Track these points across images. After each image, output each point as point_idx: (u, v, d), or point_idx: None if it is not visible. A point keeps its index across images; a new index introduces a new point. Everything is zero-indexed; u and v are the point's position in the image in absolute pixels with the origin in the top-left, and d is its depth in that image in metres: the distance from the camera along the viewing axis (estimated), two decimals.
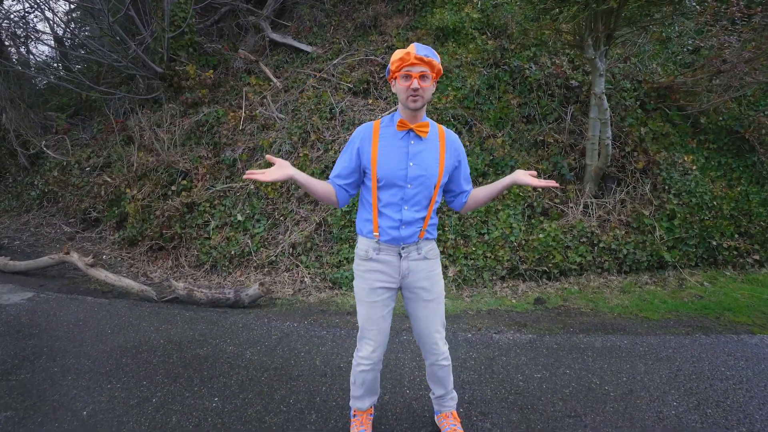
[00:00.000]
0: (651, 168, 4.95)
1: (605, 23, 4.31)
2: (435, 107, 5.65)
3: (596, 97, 4.52)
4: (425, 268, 1.90)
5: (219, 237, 5.41)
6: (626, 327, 3.23)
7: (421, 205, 1.84)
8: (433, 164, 1.81)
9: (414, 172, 1.80)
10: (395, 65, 1.73)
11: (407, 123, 1.79)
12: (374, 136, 1.84)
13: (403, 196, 1.81)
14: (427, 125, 1.81)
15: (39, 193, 7.70)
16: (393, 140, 1.82)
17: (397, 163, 1.79)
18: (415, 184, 1.80)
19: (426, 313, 1.93)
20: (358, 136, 1.87)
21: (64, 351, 3.00)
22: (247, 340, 3.13)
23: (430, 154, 1.82)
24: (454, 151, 1.88)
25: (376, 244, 1.87)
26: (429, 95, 1.75)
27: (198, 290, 4.17)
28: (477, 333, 3.18)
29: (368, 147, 1.83)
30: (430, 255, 1.93)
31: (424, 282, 1.90)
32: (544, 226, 4.66)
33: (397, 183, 1.80)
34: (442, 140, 1.86)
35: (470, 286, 4.47)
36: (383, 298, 1.90)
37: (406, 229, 1.83)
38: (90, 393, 2.49)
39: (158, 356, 2.91)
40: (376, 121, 1.90)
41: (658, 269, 4.47)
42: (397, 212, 1.82)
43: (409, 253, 1.87)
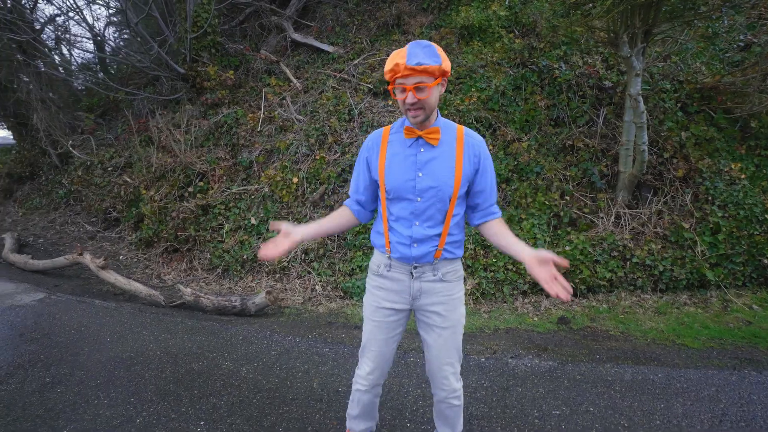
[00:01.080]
0: (692, 176, 4.52)
1: (643, 18, 3.94)
2: (457, 109, 5.39)
3: (631, 98, 4.15)
4: (441, 290, 1.66)
5: (232, 240, 5.31)
6: (661, 356, 2.88)
7: (435, 221, 1.61)
8: (447, 173, 1.57)
9: (423, 183, 1.57)
10: (388, 76, 1.50)
11: (415, 130, 1.57)
12: (383, 144, 1.65)
13: (413, 210, 1.60)
14: (437, 131, 1.57)
15: (66, 192, 7.86)
16: (401, 148, 1.62)
17: (405, 173, 1.59)
18: (426, 197, 1.58)
19: (438, 342, 1.69)
20: (366, 145, 1.70)
21: (59, 360, 2.91)
22: (245, 355, 2.97)
23: (444, 162, 1.58)
24: (473, 156, 1.60)
25: (388, 259, 1.69)
26: (433, 103, 1.52)
27: (205, 297, 4.06)
28: (491, 356, 2.90)
29: (376, 156, 1.65)
30: (450, 277, 1.68)
31: (438, 306, 1.67)
32: (571, 238, 4.32)
33: (405, 196, 1.60)
34: (460, 143, 1.60)
35: (489, 301, 4.18)
36: (389, 320, 1.71)
37: (418, 248, 1.61)
38: (75, 409, 2.37)
39: (152, 370, 2.78)
40: (386, 126, 1.70)
41: (699, 289, 4.05)
42: (407, 228, 1.62)
43: (422, 273, 1.65)
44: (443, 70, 1.48)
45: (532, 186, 4.73)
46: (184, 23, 7.11)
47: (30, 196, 9.04)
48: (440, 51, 1.48)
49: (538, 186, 4.71)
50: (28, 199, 8.98)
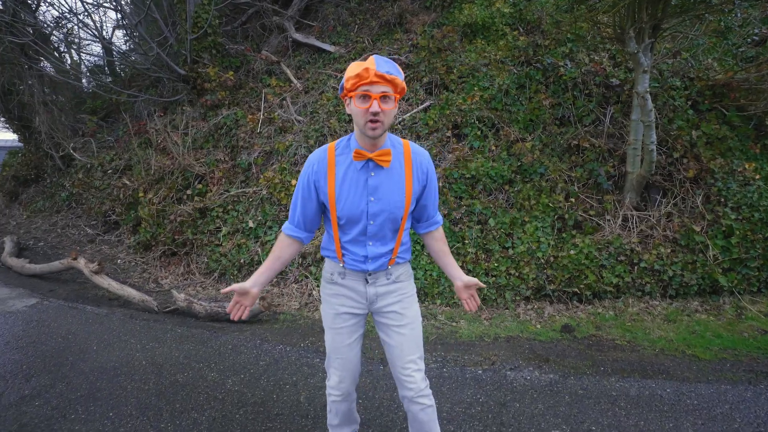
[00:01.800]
0: (704, 177, 4.33)
1: (651, 12, 3.77)
2: (460, 108, 5.25)
3: (639, 96, 3.98)
4: (396, 290, 1.71)
5: (230, 244, 5.22)
6: (670, 369, 2.71)
7: (387, 238, 1.64)
8: (398, 196, 1.57)
9: (375, 208, 1.56)
10: (351, 82, 1.43)
11: (364, 153, 1.51)
12: (329, 166, 1.56)
13: (366, 232, 1.61)
14: (388, 153, 1.52)
15: (67, 195, 7.85)
16: (350, 171, 1.56)
17: (356, 200, 1.56)
18: (378, 220, 1.58)
19: (399, 339, 1.70)
20: (311, 168, 1.59)
21: (42, 370, 2.83)
22: (233, 365, 2.86)
23: (394, 185, 1.57)
24: (422, 174, 1.61)
25: (342, 268, 1.68)
26: (391, 119, 1.48)
27: (197, 303, 3.96)
28: (489, 368, 2.76)
29: (324, 181, 1.57)
30: (403, 278, 1.73)
31: (395, 305, 1.70)
32: (576, 241, 4.15)
33: (358, 221, 1.59)
34: (408, 162, 1.58)
35: (490, 307, 4.03)
36: (348, 325, 1.72)
37: (373, 263, 1.64)
38: (50, 425, 2.28)
39: (135, 381, 2.68)
40: (329, 145, 1.61)
41: (711, 295, 3.87)
42: (361, 248, 1.63)
43: (377, 279, 1.68)
44: (403, 88, 1.47)
45: (536, 187, 4.57)
46: (185, 24, 7.05)
47: (34, 198, 9.06)
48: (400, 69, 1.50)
49: (542, 187, 4.55)
50: (33, 201, 9.00)
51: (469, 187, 4.73)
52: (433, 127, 5.32)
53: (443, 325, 3.68)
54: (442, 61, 5.88)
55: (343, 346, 1.72)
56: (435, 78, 5.82)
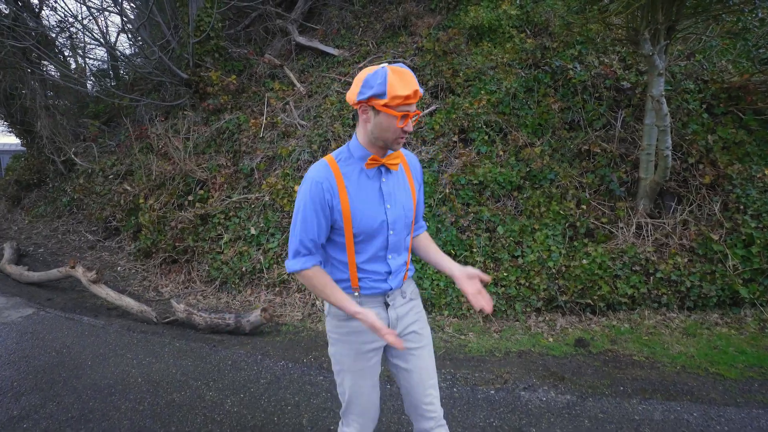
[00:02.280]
0: (721, 183, 4.17)
1: (666, 13, 3.63)
2: (466, 113, 5.12)
3: (654, 100, 3.83)
4: (412, 309, 1.59)
5: (231, 251, 5.10)
6: (695, 389, 2.56)
7: (402, 248, 1.55)
8: (407, 198, 1.52)
9: (393, 214, 1.47)
10: (396, 101, 1.31)
11: (378, 158, 1.43)
12: (338, 181, 1.41)
13: (387, 245, 1.48)
14: (398, 156, 1.48)
15: (69, 200, 7.77)
16: (361, 181, 1.44)
17: (375, 209, 1.44)
18: (397, 228, 1.49)
19: (418, 364, 1.54)
20: (319, 186, 1.40)
21: (33, 388, 2.71)
22: (232, 383, 2.73)
23: (402, 187, 1.52)
24: (418, 175, 1.61)
25: (357, 298, 1.49)
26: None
27: (197, 314, 3.84)
28: (502, 388, 2.62)
29: (336, 198, 1.41)
30: (414, 294, 1.63)
31: (413, 326, 1.57)
32: (588, 250, 4.00)
33: (378, 233, 1.46)
34: (405, 164, 1.56)
35: (500, 319, 3.89)
36: (372, 364, 1.53)
37: (394, 278, 1.52)
38: None
39: (129, 401, 2.56)
40: (328, 158, 1.46)
41: (731, 307, 3.71)
42: (383, 264, 1.50)
43: (395, 299, 1.54)
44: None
45: (546, 194, 4.43)
46: (187, 28, 6.97)
47: (36, 203, 9.00)
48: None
49: (553, 194, 4.41)
50: (35, 206, 8.93)
51: (476, 194, 4.59)
52: (439, 131, 5.20)
53: (451, 338, 3.54)
54: (448, 64, 5.76)
55: (367, 389, 1.53)
56: (441, 81, 5.69)
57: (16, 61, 7.48)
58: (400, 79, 1.32)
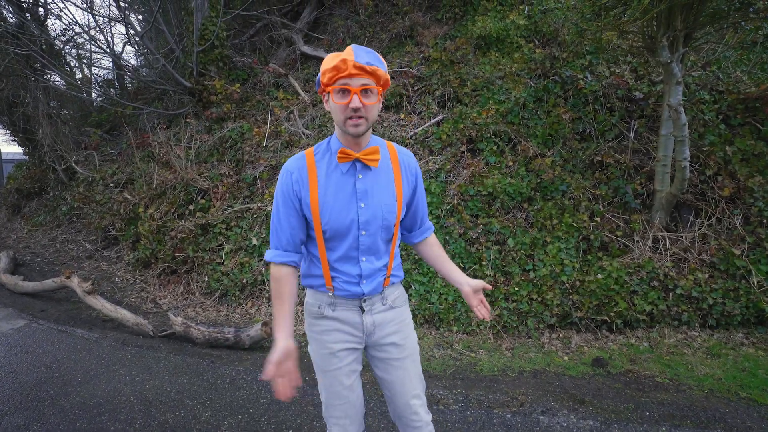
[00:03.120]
0: (741, 196, 4.02)
1: (684, 19, 3.53)
2: (474, 122, 5.00)
3: (671, 109, 3.71)
4: (393, 318, 1.50)
5: (232, 262, 4.95)
6: (727, 416, 2.38)
7: (381, 252, 1.45)
8: (389, 199, 1.40)
9: (366, 214, 1.37)
10: (327, 76, 1.27)
11: (350, 152, 1.34)
12: (310, 173, 1.36)
13: (358, 246, 1.40)
14: (376, 151, 1.36)
15: (68, 209, 7.65)
16: (334, 176, 1.37)
17: (345, 207, 1.36)
18: (371, 229, 1.39)
19: (400, 375, 1.50)
20: (289, 177, 1.37)
21: (17, 407, 2.55)
22: (230, 404, 2.56)
23: (384, 187, 1.40)
24: (410, 176, 1.46)
25: (331, 297, 1.44)
26: (375, 115, 1.32)
27: (195, 328, 3.68)
28: (518, 411, 2.44)
29: (305, 189, 1.36)
30: (399, 302, 1.53)
31: (393, 336, 1.49)
32: (603, 264, 3.84)
33: (347, 233, 1.38)
34: (395, 163, 1.43)
35: (511, 335, 3.71)
36: (347, 363, 1.46)
37: (368, 283, 1.44)
38: None
39: (119, 422, 2.39)
40: (308, 150, 1.43)
41: (756, 326, 3.53)
42: (354, 266, 1.42)
43: (372, 305, 1.47)
44: (387, 80, 1.32)
45: (558, 206, 4.28)
46: (192, 36, 6.93)
47: (36, 212, 8.89)
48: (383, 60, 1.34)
49: (565, 206, 4.26)
50: (35, 215, 8.83)
51: (485, 205, 4.45)
52: (446, 141, 5.07)
53: (461, 355, 3.37)
54: (455, 74, 5.67)
55: (344, 389, 1.46)
56: (448, 91, 5.60)
57: (20, 69, 7.44)
58: (333, 56, 1.28)
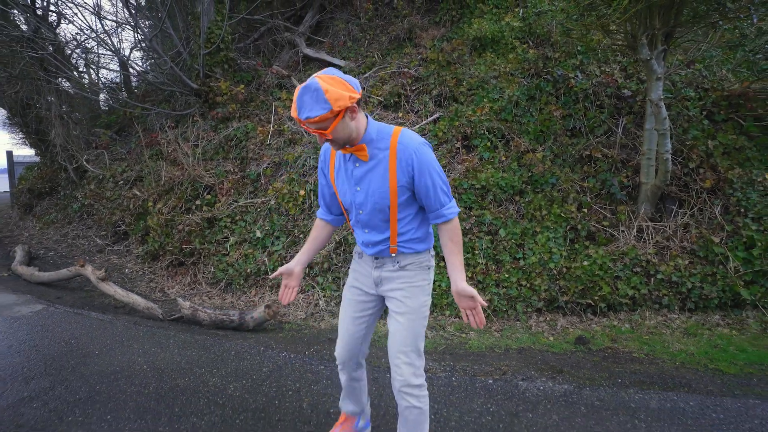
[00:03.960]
0: (722, 187, 4.21)
1: (663, 19, 3.74)
2: (469, 120, 5.22)
3: (653, 104, 3.91)
4: (400, 277, 1.70)
5: (237, 254, 5.18)
6: (692, 382, 2.57)
7: (380, 229, 1.68)
8: (381, 186, 1.59)
9: (360, 197, 1.65)
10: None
11: (347, 147, 1.59)
12: (331, 157, 1.75)
13: (359, 220, 1.71)
14: (363, 149, 1.58)
15: (79, 206, 7.93)
16: (343, 162, 1.69)
17: (347, 188, 1.69)
18: (366, 209, 1.65)
19: (395, 327, 1.69)
20: (320, 158, 1.81)
21: (41, 373, 2.78)
22: (235, 371, 2.78)
23: (377, 175, 1.60)
24: (407, 165, 1.57)
25: (359, 250, 1.85)
26: (342, 133, 1.50)
27: (202, 311, 3.91)
28: (500, 378, 2.64)
29: (328, 170, 1.77)
30: (411, 267, 1.71)
31: (397, 292, 1.70)
32: (589, 252, 4.04)
33: (351, 208, 1.72)
34: (393, 154, 1.57)
35: (501, 319, 3.91)
36: (357, 299, 1.82)
37: (372, 249, 1.73)
38: (46, 427, 2.21)
39: (135, 385, 2.61)
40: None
41: (732, 309, 3.71)
42: (360, 234, 1.76)
43: (383, 264, 1.73)
44: (339, 109, 1.42)
45: (547, 198, 4.49)
46: (198, 39, 7.20)
47: (48, 210, 9.18)
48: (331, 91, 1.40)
49: (554, 198, 4.47)
50: (46, 213, 9.12)
51: (479, 198, 4.66)
52: (442, 138, 5.30)
53: (452, 336, 3.57)
54: (452, 74, 5.90)
55: (348, 317, 1.82)
56: (444, 90, 5.82)
57: (34, 72, 7.74)
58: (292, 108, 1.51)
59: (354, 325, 1.80)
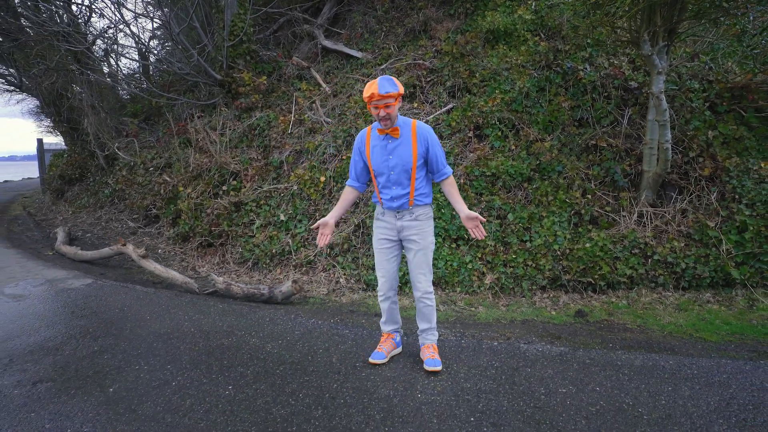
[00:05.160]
0: (719, 175, 4.46)
1: (665, 16, 3.97)
2: (481, 110, 5.50)
3: (654, 96, 4.16)
4: (416, 225, 2.57)
5: (262, 236, 5.58)
6: (676, 347, 2.89)
7: (404, 185, 2.54)
8: (407, 154, 2.50)
9: (392, 162, 2.52)
10: (366, 97, 2.39)
11: (384, 130, 2.51)
12: (367, 140, 2.61)
13: (389, 179, 2.55)
14: (397, 130, 2.49)
15: (111, 191, 8.42)
16: (378, 141, 2.56)
17: (382, 158, 2.55)
18: (396, 170, 2.52)
19: (415, 258, 2.60)
20: (357, 141, 2.66)
21: (105, 333, 3.21)
22: (271, 333, 3.18)
23: (404, 147, 2.50)
24: (423, 141, 2.51)
25: (382, 208, 2.65)
26: (396, 112, 2.44)
27: (235, 285, 4.32)
28: (504, 342, 2.99)
29: (364, 148, 2.62)
30: (422, 217, 2.59)
31: (414, 236, 2.58)
32: (591, 235, 4.34)
33: (383, 171, 2.55)
34: (413, 133, 2.51)
35: (507, 295, 4.25)
36: (386, 247, 2.66)
37: (396, 201, 2.56)
38: (120, 372, 2.63)
39: (186, 343, 3.03)
40: (368, 127, 2.63)
41: (723, 287, 3.99)
42: (388, 190, 2.57)
43: (403, 216, 2.58)
44: (400, 93, 2.41)
45: (554, 184, 4.78)
46: (222, 32, 7.55)
47: (79, 195, 9.72)
48: (397, 82, 2.42)
49: (560, 184, 4.76)
50: (77, 198, 9.65)
51: (489, 184, 4.97)
52: (455, 128, 5.59)
53: (462, 309, 3.93)
54: (465, 66, 6.16)
55: (383, 260, 2.66)
56: (458, 82, 6.10)
57: (68, 64, 8.19)
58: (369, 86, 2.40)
59: (389, 263, 2.65)
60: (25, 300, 3.98)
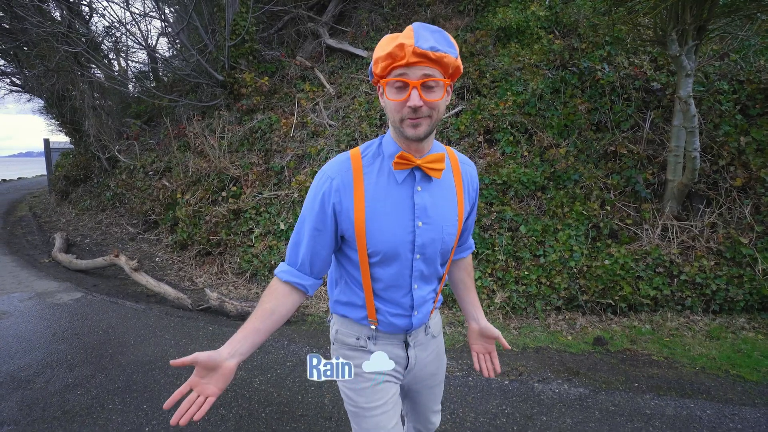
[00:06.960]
0: (753, 186, 4.09)
1: (695, 13, 3.61)
2: (492, 114, 5.18)
3: (681, 101, 3.81)
4: (433, 350, 1.34)
5: (261, 245, 5.34)
6: (711, 389, 2.57)
7: (437, 275, 1.24)
8: (451, 217, 1.16)
9: (425, 237, 1.12)
10: (381, 66, 0.99)
11: (411, 157, 1.06)
12: (356, 180, 1.09)
13: (411, 272, 1.15)
14: (441, 158, 1.09)
15: (112, 195, 8.26)
16: (388, 187, 1.10)
17: (400, 226, 1.10)
18: (428, 253, 1.15)
19: (429, 396, 1.40)
20: (328, 184, 1.09)
21: (84, 361, 2.99)
22: (260, 365, 2.92)
23: (448, 201, 1.16)
24: (472, 190, 1.24)
25: (374, 332, 1.23)
26: (441, 114, 1.03)
27: (229, 302, 4.08)
28: (516, 379, 2.70)
29: (349, 200, 1.08)
30: (437, 331, 1.36)
31: (431, 367, 1.34)
32: (611, 251, 4.01)
33: (399, 256, 1.12)
34: (457, 174, 1.18)
35: (519, 316, 3.95)
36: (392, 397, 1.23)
37: (418, 315, 1.22)
38: (89, 413, 2.40)
39: (168, 376, 2.79)
40: (352, 151, 1.15)
41: (759, 312, 3.64)
42: (404, 295, 1.18)
43: (417, 337, 1.28)
44: (457, 67, 1.01)
45: (570, 194, 4.45)
46: (223, 32, 7.31)
47: (82, 197, 9.59)
48: (453, 40, 1.01)
49: (576, 194, 4.43)
50: (81, 200, 9.53)
51: (500, 193, 4.66)
52: (464, 132, 5.28)
53: None
54: (475, 66, 5.83)
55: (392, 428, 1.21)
56: (467, 83, 5.78)
57: (68, 65, 8.02)
58: (389, 38, 1.00)
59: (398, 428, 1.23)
60: (9, 318, 3.78)
